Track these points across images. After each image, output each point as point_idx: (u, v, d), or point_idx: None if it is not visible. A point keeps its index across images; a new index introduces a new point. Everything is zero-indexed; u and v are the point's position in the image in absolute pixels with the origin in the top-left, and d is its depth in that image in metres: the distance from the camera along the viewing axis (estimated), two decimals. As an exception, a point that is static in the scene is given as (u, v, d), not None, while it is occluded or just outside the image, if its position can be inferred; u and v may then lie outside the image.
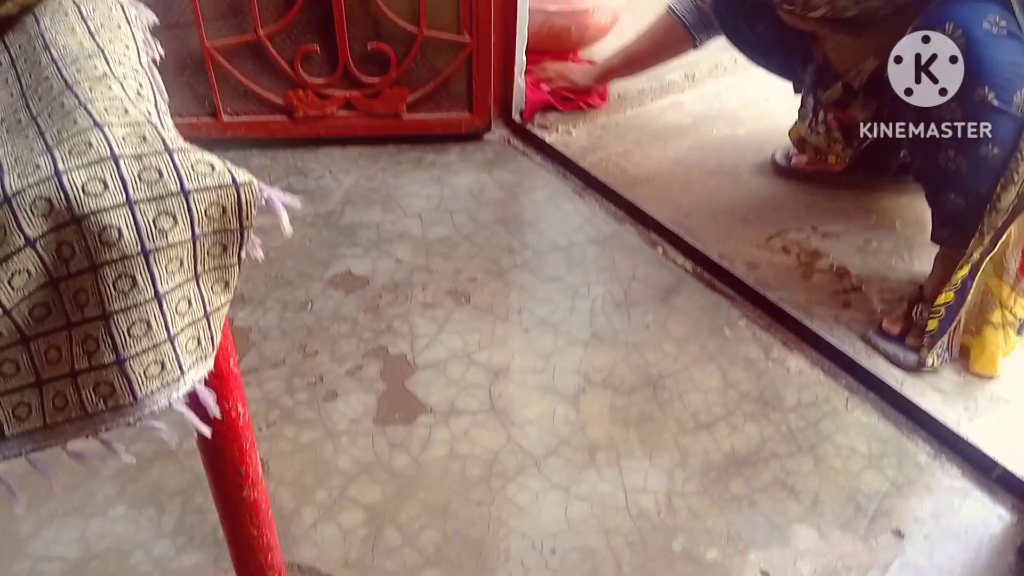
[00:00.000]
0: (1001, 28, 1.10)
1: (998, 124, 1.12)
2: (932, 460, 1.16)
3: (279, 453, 1.14)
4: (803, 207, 1.65)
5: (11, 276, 0.51)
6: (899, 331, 1.30)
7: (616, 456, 1.15)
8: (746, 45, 1.65)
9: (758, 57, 1.67)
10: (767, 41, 1.57)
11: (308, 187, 1.68)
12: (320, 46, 1.67)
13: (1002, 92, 1.10)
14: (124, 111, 0.55)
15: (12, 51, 0.69)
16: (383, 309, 1.39)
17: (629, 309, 1.40)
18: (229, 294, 0.58)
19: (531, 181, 1.73)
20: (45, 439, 0.56)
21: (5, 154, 0.57)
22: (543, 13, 1.88)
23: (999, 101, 1.11)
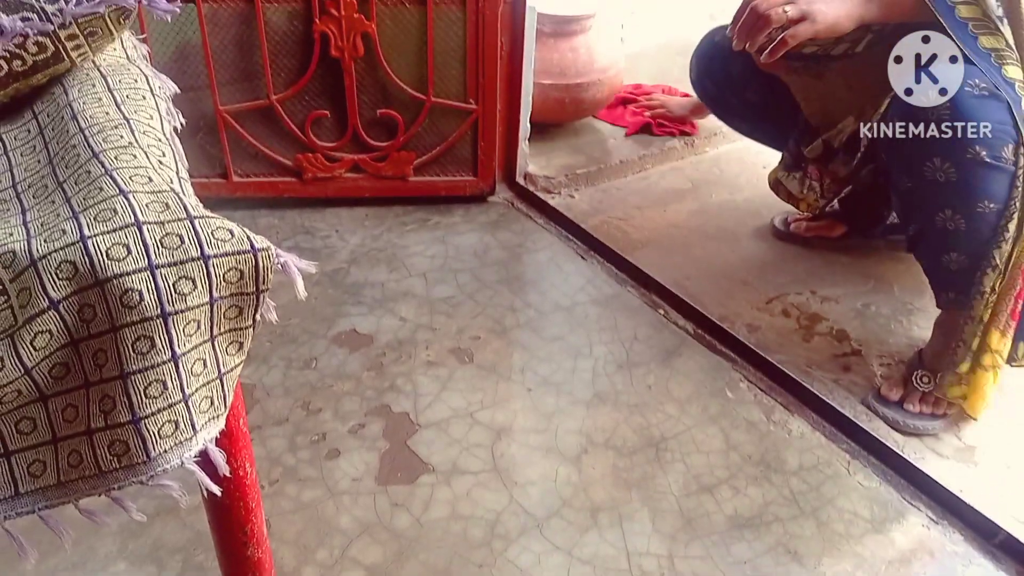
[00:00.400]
0: (982, 89, 1.14)
1: (991, 179, 1.15)
2: (935, 525, 1.16)
3: (281, 511, 1.14)
4: (802, 271, 1.67)
5: (34, 336, 0.52)
6: (899, 398, 1.31)
7: (618, 518, 1.15)
8: (735, 117, 1.70)
9: (747, 126, 1.72)
10: (756, 107, 1.61)
11: (315, 246, 1.71)
12: (330, 111, 1.72)
13: (991, 149, 1.13)
14: (148, 179, 0.58)
15: (40, 119, 0.72)
16: (387, 367, 1.40)
17: (631, 370, 1.41)
18: (243, 355, 0.59)
19: (534, 242, 1.76)
20: (58, 496, 0.57)
21: (32, 219, 0.59)
22: (539, 86, 1.94)
23: (991, 158, 1.14)
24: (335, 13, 1.59)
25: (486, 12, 1.65)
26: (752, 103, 1.61)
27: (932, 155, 1.18)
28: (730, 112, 1.69)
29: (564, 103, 2.03)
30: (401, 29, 1.66)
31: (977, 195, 1.17)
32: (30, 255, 0.53)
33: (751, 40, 1.20)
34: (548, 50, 1.99)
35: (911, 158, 1.22)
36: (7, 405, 0.53)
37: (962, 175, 1.16)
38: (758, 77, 1.43)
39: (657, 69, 2.51)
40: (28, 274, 0.53)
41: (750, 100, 1.60)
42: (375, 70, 1.69)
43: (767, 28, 1.18)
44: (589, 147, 2.08)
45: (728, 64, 1.59)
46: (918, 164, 1.20)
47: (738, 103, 1.63)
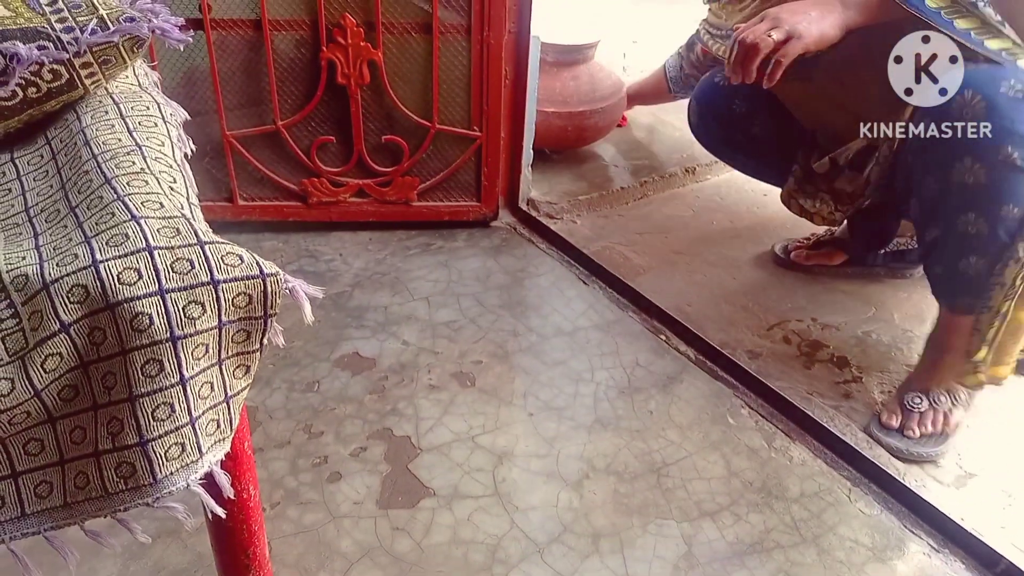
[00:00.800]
0: (1018, 92, 1.13)
1: (1018, 184, 1.14)
2: (936, 553, 1.16)
3: (282, 534, 1.14)
4: (803, 298, 1.68)
5: (45, 359, 0.53)
6: (899, 424, 1.32)
7: (620, 545, 1.15)
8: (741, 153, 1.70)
9: (753, 162, 1.72)
10: (762, 140, 1.62)
11: (319, 269, 1.73)
12: (336, 137, 1.74)
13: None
14: (159, 205, 0.59)
15: (53, 145, 0.74)
16: (389, 391, 1.40)
17: (632, 395, 1.42)
18: (249, 379, 0.60)
19: (536, 267, 1.77)
20: (64, 517, 0.58)
21: (45, 243, 0.60)
22: (541, 113, 1.97)
23: (1022, 160, 1.13)
24: (342, 41, 1.62)
25: (491, 42, 1.67)
26: (758, 137, 1.62)
27: (963, 155, 1.17)
28: (737, 149, 1.70)
29: (567, 130, 2.05)
30: (407, 57, 1.68)
31: (1003, 198, 1.15)
32: (42, 278, 0.54)
33: (747, 71, 1.24)
34: (551, 78, 2.02)
35: (941, 159, 1.21)
36: (16, 426, 0.54)
37: (992, 177, 1.15)
38: (761, 111, 1.44)
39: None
40: (40, 297, 0.54)
41: (756, 134, 1.61)
42: (381, 97, 1.71)
43: (758, 56, 1.21)
44: (591, 174, 2.11)
45: (731, 102, 1.61)
46: (947, 165, 1.19)
47: (744, 139, 1.64)
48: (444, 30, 1.66)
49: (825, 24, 1.19)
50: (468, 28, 1.66)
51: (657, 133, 2.37)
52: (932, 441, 1.30)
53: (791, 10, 1.21)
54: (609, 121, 2.11)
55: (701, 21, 1.53)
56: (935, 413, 1.31)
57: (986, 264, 1.20)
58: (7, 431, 0.53)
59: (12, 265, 0.57)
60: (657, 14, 3.05)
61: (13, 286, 0.56)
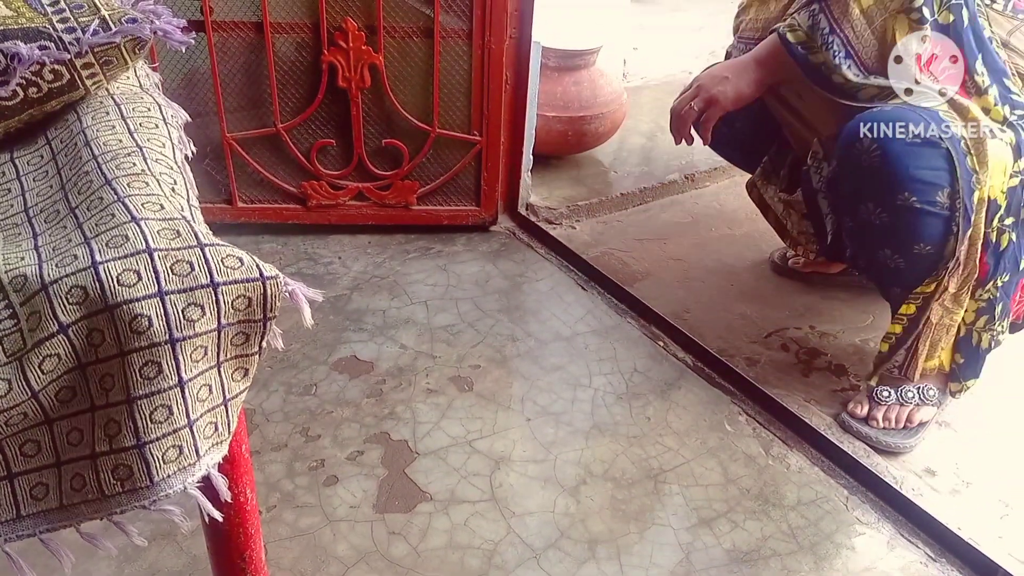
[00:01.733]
0: (914, 136, 1.16)
1: (924, 224, 1.18)
2: (932, 562, 1.16)
3: (278, 538, 1.13)
4: (800, 306, 1.68)
5: (42, 360, 0.53)
6: (864, 414, 1.35)
7: (616, 551, 1.15)
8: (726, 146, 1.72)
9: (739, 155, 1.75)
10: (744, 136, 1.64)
11: (317, 272, 1.72)
12: (336, 140, 1.74)
13: (923, 196, 1.16)
14: (160, 206, 0.59)
15: (54, 145, 0.74)
16: (386, 394, 1.40)
17: (630, 401, 1.42)
18: (248, 381, 0.60)
19: (535, 272, 1.77)
20: (60, 519, 0.58)
21: (44, 243, 0.60)
22: (542, 118, 1.97)
23: (921, 204, 1.17)
24: (343, 45, 1.62)
25: (492, 46, 1.67)
26: (741, 131, 1.63)
27: (866, 200, 1.22)
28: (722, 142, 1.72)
29: (567, 135, 2.06)
30: (408, 62, 1.69)
31: (912, 239, 1.20)
32: (41, 279, 0.54)
33: (682, 134, 1.44)
34: (552, 83, 2.03)
35: (848, 201, 1.27)
36: (13, 427, 0.54)
37: (894, 220, 1.20)
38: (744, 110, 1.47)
39: (658, 105, 2.55)
40: (39, 298, 0.54)
41: (739, 129, 1.62)
42: (381, 101, 1.71)
43: (688, 123, 1.41)
44: (591, 179, 2.11)
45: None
46: (855, 206, 1.25)
47: (729, 132, 1.66)
48: (445, 35, 1.66)
49: (741, 85, 1.36)
50: (469, 33, 1.67)
51: (657, 139, 2.37)
52: (900, 434, 1.33)
53: (712, 76, 1.39)
54: (610, 127, 2.12)
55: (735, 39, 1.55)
56: (901, 408, 1.34)
57: (906, 292, 1.27)
58: (3, 432, 0.53)
59: (11, 265, 0.57)
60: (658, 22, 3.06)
61: (12, 286, 0.55)
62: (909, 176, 1.16)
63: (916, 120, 1.16)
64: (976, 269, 1.22)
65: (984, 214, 1.18)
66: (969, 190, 1.16)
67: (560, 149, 2.12)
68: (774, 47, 1.31)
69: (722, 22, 2.93)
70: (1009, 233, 1.21)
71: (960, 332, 1.29)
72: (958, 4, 1.18)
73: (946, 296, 1.24)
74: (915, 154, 1.16)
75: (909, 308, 1.27)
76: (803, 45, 1.26)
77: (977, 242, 1.20)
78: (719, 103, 1.37)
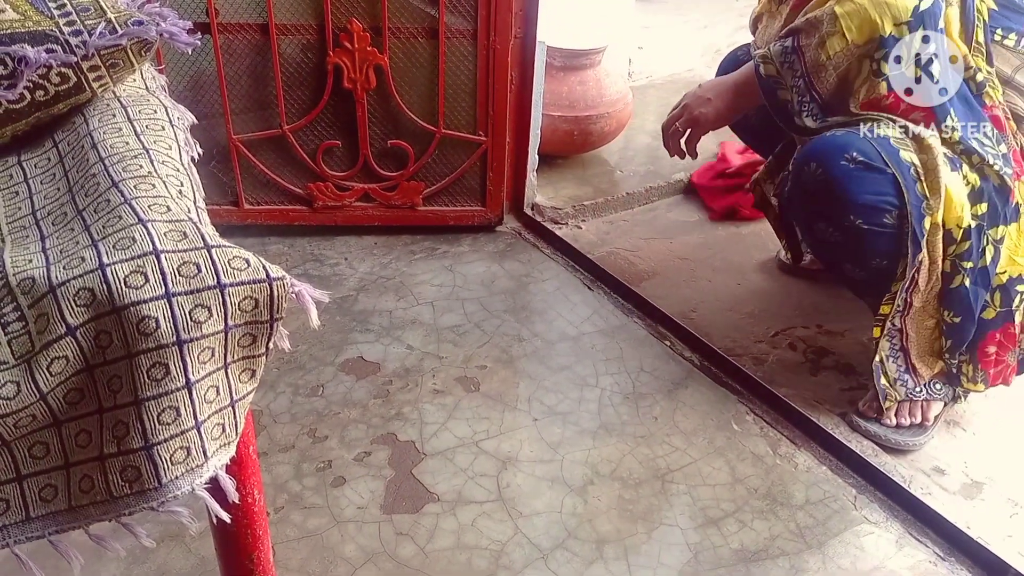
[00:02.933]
0: (858, 163, 1.18)
1: (875, 241, 1.21)
2: (941, 561, 1.15)
3: (286, 539, 1.13)
4: (808, 305, 1.67)
5: (51, 362, 0.53)
6: (875, 413, 1.34)
7: (624, 551, 1.15)
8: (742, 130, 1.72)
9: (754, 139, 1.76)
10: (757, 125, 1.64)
11: (324, 273, 1.73)
12: (342, 141, 1.74)
13: (869, 218, 1.19)
14: (166, 208, 0.59)
15: (61, 148, 0.74)
16: (393, 395, 1.40)
17: (637, 401, 1.41)
18: (255, 383, 0.60)
19: (541, 272, 1.77)
20: (69, 521, 0.58)
21: (52, 246, 0.60)
22: (548, 117, 1.97)
23: (868, 225, 1.19)
24: (348, 46, 1.62)
25: (496, 47, 1.67)
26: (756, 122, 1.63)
27: (818, 220, 1.27)
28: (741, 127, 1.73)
29: (573, 135, 2.05)
30: (413, 62, 1.69)
31: (868, 254, 1.24)
32: (49, 282, 0.54)
33: (671, 150, 1.50)
34: (558, 83, 2.02)
35: (804, 221, 1.33)
36: (21, 429, 0.54)
37: (846, 239, 1.23)
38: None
39: (664, 103, 2.54)
40: (47, 300, 0.54)
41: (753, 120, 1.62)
42: (386, 102, 1.71)
43: (676, 140, 1.48)
44: (596, 179, 2.10)
45: None
46: (811, 224, 1.29)
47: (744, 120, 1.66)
48: (450, 35, 1.66)
49: (720, 107, 1.41)
50: (474, 33, 1.67)
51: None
52: (910, 431, 1.33)
53: (696, 97, 1.44)
54: (615, 126, 2.11)
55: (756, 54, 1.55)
56: (911, 404, 1.33)
57: (877, 301, 1.29)
58: (12, 434, 0.53)
59: (19, 268, 0.57)
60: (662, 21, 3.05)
61: (20, 289, 0.56)
62: (854, 201, 1.19)
63: (863, 147, 1.19)
64: (938, 284, 1.24)
65: (939, 240, 1.20)
66: (919, 215, 1.18)
67: (566, 149, 2.11)
68: (749, 75, 1.35)
69: (726, 21, 2.94)
70: (964, 276, 1.22)
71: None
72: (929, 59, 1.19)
73: (913, 311, 1.26)
74: (859, 179, 1.19)
75: (876, 332, 1.29)
76: (773, 79, 1.29)
77: (937, 261, 1.21)
78: (700, 124, 1.43)
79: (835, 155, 1.20)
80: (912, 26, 1.17)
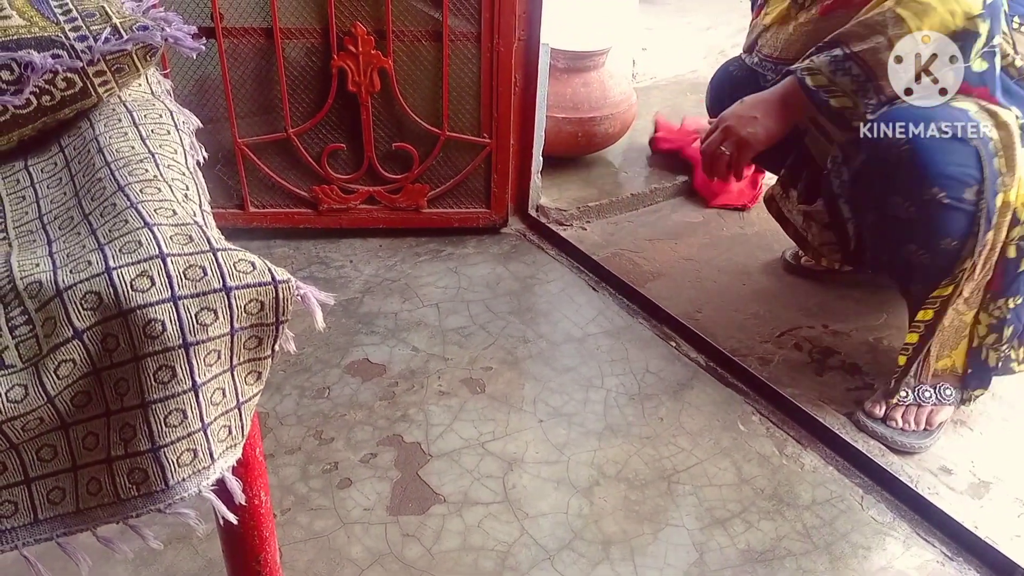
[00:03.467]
0: (944, 132, 1.15)
1: (951, 219, 1.17)
2: (949, 561, 1.15)
3: (292, 541, 1.14)
4: (814, 305, 1.67)
5: (58, 365, 0.54)
6: (882, 414, 1.34)
7: (630, 552, 1.14)
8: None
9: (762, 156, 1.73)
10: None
11: (329, 276, 1.73)
12: (346, 144, 1.75)
13: (951, 191, 1.15)
14: (172, 212, 0.59)
15: (67, 153, 0.74)
16: (399, 397, 1.40)
17: (643, 402, 1.41)
18: (261, 385, 0.60)
19: (546, 274, 1.77)
20: (77, 523, 0.58)
21: (58, 250, 0.61)
22: (552, 119, 1.97)
23: (949, 199, 1.15)
24: (353, 49, 1.63)
25: (500, 49, 1.68)
26: None
27: (893, 194, 1.21)
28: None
29: (577, 137, 2.06)
30: (417, 65, 1.69)
31: (940, 233, 1.19)
32: (56, 285, 0.55)
33: (719, 176, 1.39)
34: (562, 85, 2.03)
35: (876, 196, 1.26)
36: (29, 432, 0.54)
37: (922, 215, 1.19)
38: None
39: (668, 104, 2.54)
40: (53, 304, 0.54)
41: None
42: (391, 104, 1.71)
43: (723, 166, 1.36)
44: (601, 180, 2.10)
45: (738, 94, 1.61)
46: (881, 201, 1.24)
47: None
48: (454, 38, 1.67)
49: (770, 125, 1.31)
50: (478, 36, 1.67)
51: (667, 139, 2.36)
52: (917, 434, 1.32)
53: (739, 117, 1.33)
54: (619, 127, 2.11)
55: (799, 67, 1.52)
56: (919, 409, 1.33)
57: (927, 290, 1.25)
58: (20, 437, 0.54)
59: (26, 272, 0.57)
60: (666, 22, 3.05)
61: (27, 293, 0.56)
62: (939, 172, 1.15)
63: (946, 117, 1.15)
64: (990, 274, 1.21)
65: (1007, 221, 1.17)
66: (993, 192, 1.15)
67: (570, 150, 2.12)
68: (794, 88, 1.27)
69: (728, 22, 2.94)
70: None
71: (973, 343, 1.29)
72: (991, 51, 1.18)
73: (959, 300, 1.23)
74: (945, 150, 1.15)
75: (926, 314, 1.25)
76: (824, 89, 1.23)
77: (997, 247, 1.19)
78: (751, 145, 1.32)
79: (921, 124, 1.16)
80: (983, 18, 1.15)
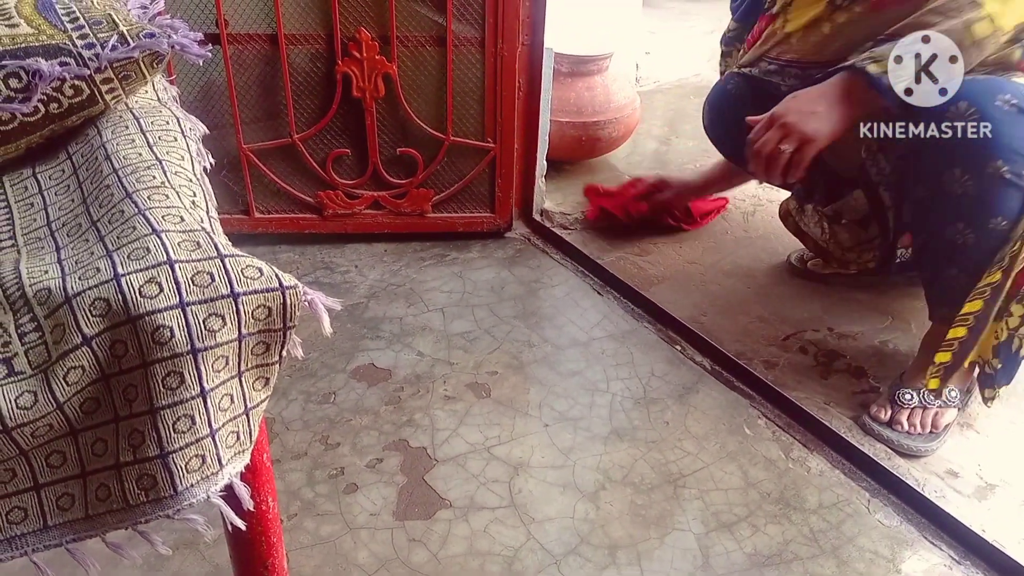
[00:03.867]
0: (1012, 105, 1.13)
1: (1008, 196, 1.14)
2: (957, 564, 1.14)
3: (299, 546, 1.14)
4: (819, 308, 1.67)
5: (67, 372, 0.54)
6: (887, 418, 1.33)
7: (636, 556, 1.14)
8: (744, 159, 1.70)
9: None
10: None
11: (334, 281, 1.73)
12: (351, 150, 1.75)
13: (1015, 165, 1.12)
14: (180, 219, 0.60)
15: (75, 160, 0.75)
16: (404, 402, 1.41)
17: (648, 406, 1.41)
18: (268, 391, 0.60)
19: (550, 278, 1.77)
20: (86, 529, 0.58)
21: (66, 257, 0.61)
22: (556, 123, 1.97)
23: (1011, 174, 1.13)
24: (357, 55, 1.63)
25: (504, 54, 1.68)
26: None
27: (954, 166, 1.17)
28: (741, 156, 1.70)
29: (580, 141, 2.06)
30: (421, 70, 1.70)
31: (993, 211, 1.16)
32: (64, 292, 0.55)
33: (775, 177, 1.28)
34: (565, 89, 2.03)
35: (933, 167, 1.21)
36: (38, 439, 0.55)
37: (981, 189, 1.15)
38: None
39: (671, 109, 2.55)
40: (62, 311, 0.54)
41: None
42: (395, 110, 1.72)
43: (780, 165, 1.25)
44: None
45: (738, 111, 1.60)
46: (938, 173, 1.19)
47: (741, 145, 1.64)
48: (458, 43, 1.67)
49: (836, 118, 1.21)
50: (482, 41, 1.67)
51: (670, 143, 2.37)
52: (922, 437, 1.31)
53: (799, 112, 1.22)
54: (623, 131, 2.12)
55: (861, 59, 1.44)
56: (924, 412, 1.32)
57: (967, 278, 1.21)
58: (30, 444, 0.54)
59: (35, 279, 0.58)
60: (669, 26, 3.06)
61: (36, 300, 0.56)
62: (1006, 145, 1.12)
63: (1016, 90, 1.14)
64: None
65: None
66: None
67: (574, 154, 2.12)
68: (855, 81, 1.20)
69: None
70: None
71: (1002, 336, 1.24)
72: None
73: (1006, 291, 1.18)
74: (1013, 123, 1.12)
75: (974, 305, 1.20)
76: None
77: None
78: (815, 142, 1.22)
79: (990, 95, 1.13)
80: None
